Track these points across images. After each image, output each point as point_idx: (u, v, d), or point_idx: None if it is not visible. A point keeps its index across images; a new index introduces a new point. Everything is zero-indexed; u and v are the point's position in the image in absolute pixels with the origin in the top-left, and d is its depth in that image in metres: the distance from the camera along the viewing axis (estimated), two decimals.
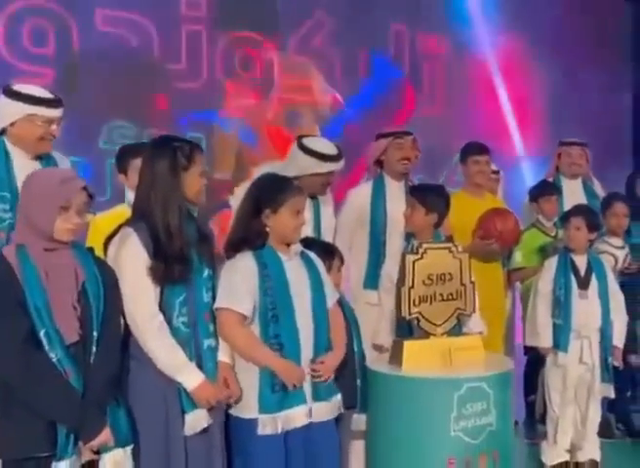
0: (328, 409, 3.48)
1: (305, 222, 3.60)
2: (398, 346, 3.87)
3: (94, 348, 2.91)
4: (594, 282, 4.82)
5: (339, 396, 3.54)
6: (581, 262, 4.84)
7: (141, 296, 3.13)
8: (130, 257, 3.15)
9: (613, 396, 4.90)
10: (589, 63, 9.57)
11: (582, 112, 9.30)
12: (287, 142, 4.88)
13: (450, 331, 3.97)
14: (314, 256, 3.61)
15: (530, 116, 9.59)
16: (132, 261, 3.14)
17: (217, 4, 7.70)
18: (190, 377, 3.19)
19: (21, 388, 2.77)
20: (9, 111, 3.82)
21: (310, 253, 3.61)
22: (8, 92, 3.84)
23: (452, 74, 9.07)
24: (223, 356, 3.33)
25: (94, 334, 2.91)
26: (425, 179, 6.22)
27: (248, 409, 3.35)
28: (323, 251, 3.83)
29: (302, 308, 3.42)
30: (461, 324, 4.13)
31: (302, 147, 4.56)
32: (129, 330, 3.16)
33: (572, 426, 4.85)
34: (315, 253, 3.66)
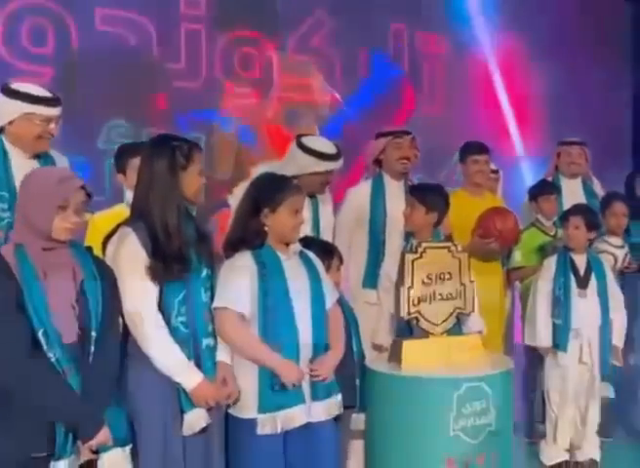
0: (327, 409, 3.47)
1: (304, 221, 3.60)
2: (397, 345, 3.87)
3: (92, 348, 2.90)
4: (594, 281, 4.82)
5: (339, 396, 3.53)
6: (581, 262, 4.84)
7: (140, 296, 3.12)
8: (128, 257, 3.14)
9: (612, 395, 4.91)
10: (589, 63, 9.55)
11: (582, 112, 9.28)
12: (286, 142, 4.87)
13: (449, 330, 3.97)
14: (313, 256, 3.61)
15: (529, 116, 9.58)
16: (130, 261, 3.13)
17: (216, 3, 7.68)
18: (189, 377, 3.18)
19: (20, 388, 2.76)
20: (7, 110, 3.82)
21: (309, 253, 3.61)
22: (6, 90, 3.83)
23: (451, 74, 9.05)
24: (222, 355, 3.32)
25: (92, 334, 2.91)
26: (425, 179, 6.21)
27: (247, 409, 3.35)
28: (322, 250, 3.83)
29: (301, 308, 3.41)
30: (461, 323, 4.13)
31: (301, 146, 4.56)
32: (127, 329, 3.15)
33: (571, 426, 4.85)
34: (314, 252, 3.66)
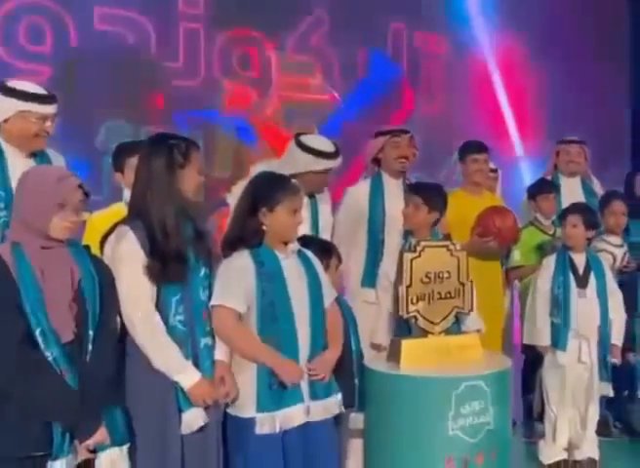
0: (326, 408, 3.47)
1: (303, 221, 3.60)
2: (396, 345, 3.87)
3: (90, 347, 2.90)
4: (593, 280, 4.82)
5: (338, 395, 3.53)
6: (580, 261, 4.84)
7: (138, 295, 3.13)
8: (126, 256, 3.14)
9: (611, 394, 4.90)
10: (588, 62, 9.57)
11: (581, 111, 9.29)
12: (285, 140, 4.88)
13: (448, 329, 3.97)
14: (311, 255, 3.61)
15: (528, 115, 9.59)
16: (128, 260, 3.14)
17: (214, 2, 7.68)
18: (187, 376, 3.19)
19: (17, 387, 2.76)
20: (2, 108, 3.79)
21: (307, 252, 3.61)
22: (1, 88, 3.81)
23: (451, 73, 9.06)
24: (220, 354, 3.32)
25: (90, 333, 2.91)
26: (423, 178, 6.21)
27: (245, 408, 3.34)
28: (320, 249, 3.82)
29: (300, 307, 3.41)
30: (460, 322, 4.13)
31: (300, 145, 4.56)
32: (125, 328, 3.16)
33: (570, 425, 4.85)
34: (313, 251, 3.66)
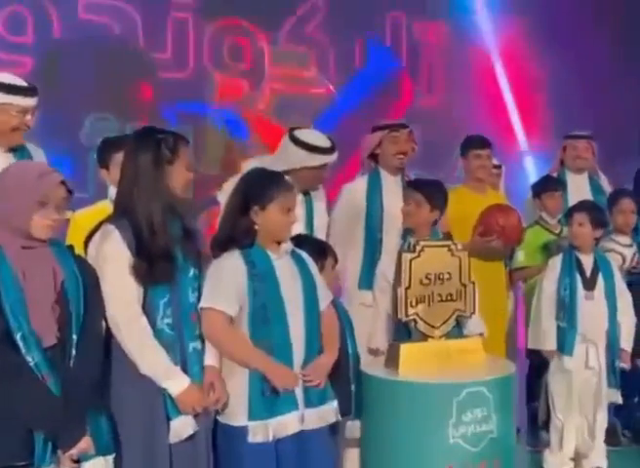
0: (321, 416, 3.46)
1: (297, 219, 3.59)
2: (394, 349, 3.87)
3: (73, 351, 2.89)
4: (601, 282, 4.81)
5: (334, 402, 3.52)
6: (587, 261, 4.83)
7: (123, 296, 3.11)
8: (111, 256, 3.13)
9: (620, 401, 4.90)
10: (598, 53, 9.54)
11: (590, 104, 9.25)
12: (278, 135, 4.87)
13: (449, 333, 3.97)
14: (306, 256, 3.60)
15: (534, 108, 9.57)
16: (113, 260, 3.12)
17: None
18: (175, 382, 3.17)
19: None
20: None
21: (301, 252, 3.59)
22: None
23: (452, 64, 9.04)
24: (210, 359, 3.31)
25: (73, 337, 2.90)
26: (423, 174, 6.20)
27: (236, 416, 3.33)
28: (315, 249, 3.81)
29: (294, 309, 3.40)
30: (461, 326, 4.13)
31: (294, 139, 4.55)
32: (110, 332, 3.14)
33: (577, 434, 4.84)
34: (307, 251, 3.65)
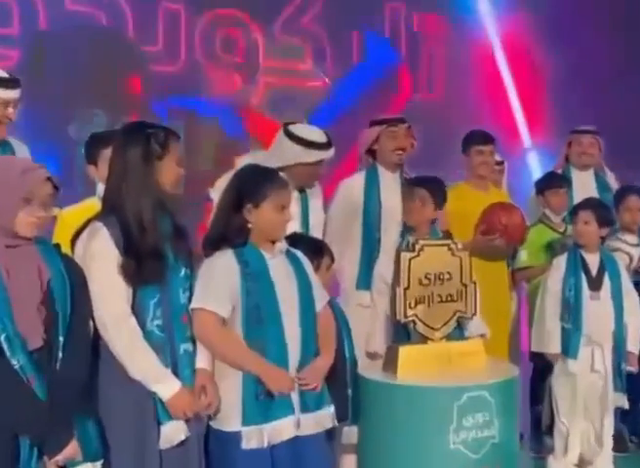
0: (317, 422, 3.46)
1: (292, 218, 3.59)
2: (393, 352, 3.87)
3: (60, 354, 2.89)
4: (607, 282, 4.82)
5: (331, 407, 3.52)
6: (593, 261, 4.83)
7: (112, 297, 3.11)
8: (99, 254, 3.13)
9: (626, 406, 4.90)
10: (603, 46, 9.55)
11: (595, 98, 9.27)
12: (272, 130, 4.87)
13: (449, 335, 3.98)
14: (301, 255, 3.60)
15: (537, 103, 9.59)
16: (101, 258, 3.12)
17: None
18: (166, 386, 3.17)
19: None
20: None
21: (296, 252, 3.60)
22: None
23: (452, 57, 9.06)
24: (202, 362, 3.31)
25: (60, 339, 2.90)
26: (423, 172, 6.21)
27: (230, 421, 3.33)
28: (311, 248, 3.82)
29: (289, 310, 3.40)
30: (462, 327, 4.14)
31: (289, 134, 4.55)
32: (98, 333, 3.14)
33: (582, 439, 4.85)
34: (302, 250, 3.65)
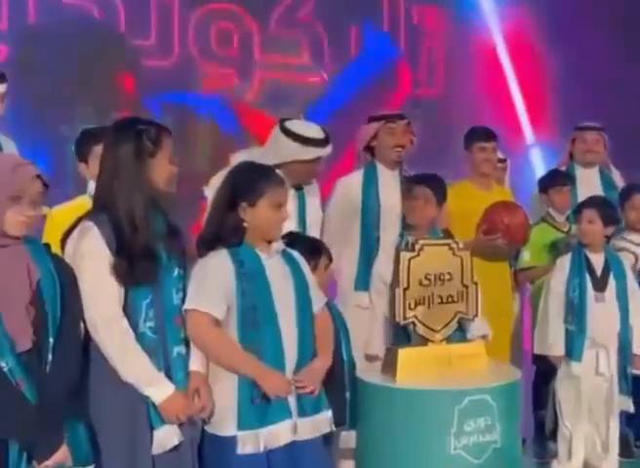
0: (315, 426, 3.45)
1: (289, 216, 3.59)
2: (392, 354, 3.87)
3: (49, 356, 2.89)
4: (612, 282, 4.82)
5: (329, 411, 3.51)
6: (598, 261, 4.83)
7: (103, 297, 3.11)
8: (90, 253, 3.12)
9: (632, 410, 4.90)
10: (607, 40, 9.55)
11: (600, 94, 9.27)
12: (268, 126, 4.86)
13: (450, 337, 3.97)
14: (297, 255, 3.60)
15: (540, 99, 9.59)
16: (92, 258, 3.12)
17: None
18: (159, 389, 3.17)
19: None
20: None
21: (293, 252, 3.59)
22: None
23: (453, 52, 9.07)
24: (195, 364, 3.30)
25: (49, 341, 2.89)
26: (422, 169, 6.21)
27: (225, 425, 3.32)
28: (308, 248, 3.82)
29: (285, 311, 3.39)
30: (464, 329, 4.13)
31: (285, 131, 4.53)
32: (89, 335, 3.13)
33: (586, 443, 4.85)
34: (299, 250, 3.65)
